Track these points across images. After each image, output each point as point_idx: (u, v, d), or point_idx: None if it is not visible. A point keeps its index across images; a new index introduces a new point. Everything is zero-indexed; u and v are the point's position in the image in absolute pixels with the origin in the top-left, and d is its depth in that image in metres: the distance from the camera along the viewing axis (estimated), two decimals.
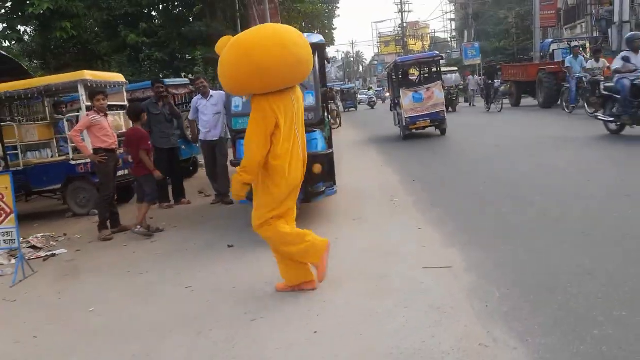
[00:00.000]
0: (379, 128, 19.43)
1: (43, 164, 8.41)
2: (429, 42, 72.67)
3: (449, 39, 69.55)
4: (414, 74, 18.67)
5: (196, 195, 8.93)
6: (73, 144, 8.28)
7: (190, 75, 20.00)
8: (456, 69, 32.64)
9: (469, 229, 5.15)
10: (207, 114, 7.62)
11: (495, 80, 21.50)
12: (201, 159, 12.33)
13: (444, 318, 3.23)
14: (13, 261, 5.70)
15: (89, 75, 8.02)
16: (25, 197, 8.96)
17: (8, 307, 4.39)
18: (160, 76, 17.09)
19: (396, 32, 72.51)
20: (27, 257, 5.53)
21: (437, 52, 17.07)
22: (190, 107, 8.22)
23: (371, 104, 45.83)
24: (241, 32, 3.57)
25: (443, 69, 25.37)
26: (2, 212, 5.04)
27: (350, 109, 40.88)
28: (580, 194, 5.96)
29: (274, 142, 3.61)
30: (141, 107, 6.75)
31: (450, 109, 22.17)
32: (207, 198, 8.46)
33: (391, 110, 15.97)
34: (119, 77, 8.81)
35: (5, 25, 16.65)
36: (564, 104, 16.02)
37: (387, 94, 39.91)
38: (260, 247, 5.24)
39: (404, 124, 13.49)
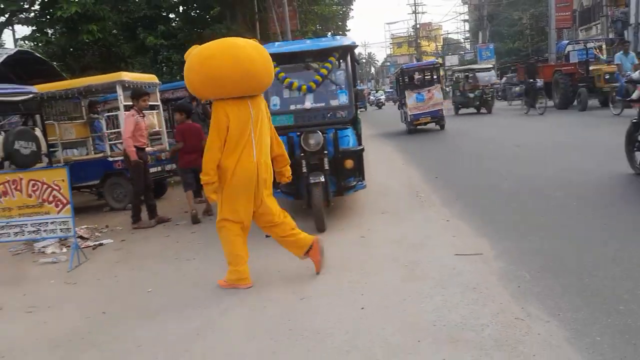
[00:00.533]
0: (387, 125, 21.02)
1: (82, 161, 8.81)
2: (441, 44, 72.80)
3: (462, 40, 69.58)
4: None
5: None
6: (110, 142, 8.70)
7: None
8: (491, 66, 28.71)
9: (495, 220, 5.44)
10: None
11: (537, 80, 18.87)
12: None
13: (480, 297, 3.53)
14: (65, 250, 6.09)
15: (126, 76, 8.42)
16: None
17: (71, 288, 4.76)
18: (178, 78, 17.48)
19: (409, 33, 72.58)
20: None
21: (436, 60, 20.74)
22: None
23: (379, 105, 47.00)
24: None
25: (477, 67, 25.70)
26: (59, 202, 5.42)
27: (360, 109, 41.51)
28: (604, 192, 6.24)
29: (225, 145, 4.00)
30: (190, 106, 7.35)
31: (484, 110, 21.81)
32: None
33: (399, 109, 18.28)
34: (152, 78, 9.21)
35: (34, 28, 17.14)
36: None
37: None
38: None
39: (409, 120, 16.05)
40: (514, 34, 44.08)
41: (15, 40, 20.82)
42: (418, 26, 66.02)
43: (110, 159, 8.47)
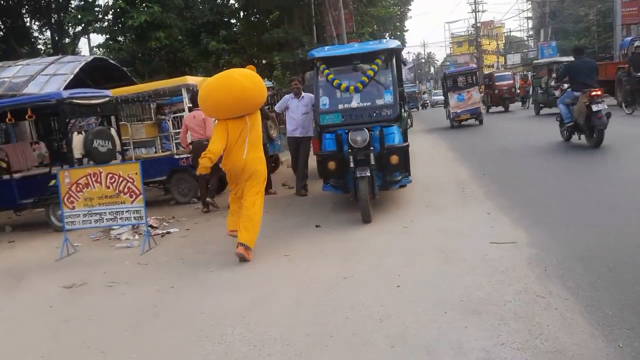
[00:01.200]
0: (434, 122, 23.86)
1: (151, 158, 9.60)
2: (503, 42, 71.18)
3: (526, 38, 67.78)
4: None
5: (280, 187, 9.81)
6: (176, 141, 9.43)
7: (266, 80, 21.19)
8: None
9: (535, 213, 5.66)
10: (297, 113, 8.43)
11: None
12: (282, 156, 13.35)
13: (507, 278, 3.85)
14: (137, 236, 6.79)
15: (190, 80, 9.12)
16: None
17: (144, 268, 5.40)
18: None
19: (469, 32, 71.39)
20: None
21: (474, 66, 24.14)
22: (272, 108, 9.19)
23: (424, 106, 46.41)
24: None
25: (565, 59, 25.25)
26: (132, 193, 6.09)
27: (412, 109, 41.77)
28: None
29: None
30: None
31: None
32: (291, 189, 9.30)
33: (444, 108, 21.15)
34: None
35: (107, 36, 18.47)
36: None
37: None
38: (344, 226, 6.06)
39: (452, 117, 19.03)
40: (579, 31, 42.71)
41: (91, 48, 22.37)
42: (479, 24, 64.90)
43: (176, 156, 9.20)
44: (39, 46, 21.04)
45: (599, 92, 8.93)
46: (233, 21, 23.77)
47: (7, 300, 4.88)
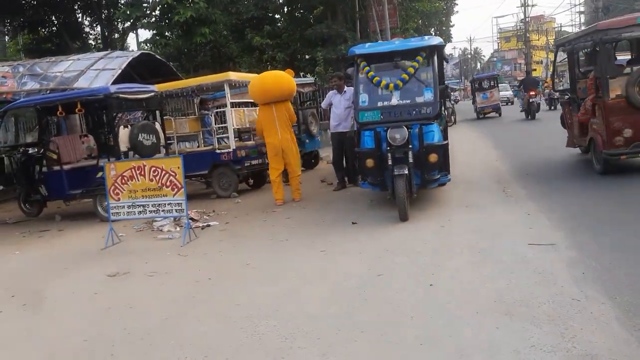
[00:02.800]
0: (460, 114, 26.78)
1: (194, 152, 9.83)
2: (553, 37, 69.07)
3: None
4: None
5: (319, 183, 9.87)
6: (218, 136, 9.62)
7: (308, 75, 21.27)
8: None
9: (578, 215, 5.53)
10: (339, 108, 8.48)
11: None
12: (323, 152, 13.41)
13: (543, 280, 3.79)
14: (178, 229, 6.98)
15: (233, 76, 9.29)
16: None
17: (183, 260, 5.56)
18: None
19: (518, 27, 69.53)
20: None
21: (496, 73, 32.83)
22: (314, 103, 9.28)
23: (456, 100, 45.71)
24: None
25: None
26: (174, 186, 6.27)
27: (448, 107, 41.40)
28: None
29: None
30: None
31: None
32: (329, 186, 9.35)
33: (472, 104, 25.99)
34: None
35: (154, 32, 18.93)
36: None
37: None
38: (380, 223, 6.07)
39: (478, 110, 24.68)
40: None
41: (138, 44, 23.00)
42: (528, 19, 63.15)
43: (218, 151, 9.38)
44: (90, 41, 21.70)
45: None
46: (277, 16, 23.95)
47: (55, 286, 5.12)
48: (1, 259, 6.55)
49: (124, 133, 8.12)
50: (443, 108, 6.76)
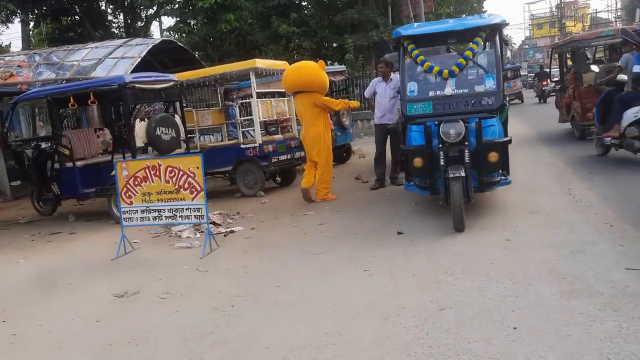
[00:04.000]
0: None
1: (217, 147, 9.06)
2: (588, 24, 66.43)
3: (613, 20, 62.89)
4: None
5: (353, 181, 9.01)
6: (243, 129, 8.83)
7: (336, 63, 20.36)
8: None
9: None
10: (384, 97, 7.62)
11: None
12: (354, 145, 12.54)
13: None
14: (198, 235, 6.22)
15: (259, 63, 8.46)
16: None
17: (203, 276, 4.77)
18: None
19: (551, 13, 67.12)
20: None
21: (518, 64, 32.95)
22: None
23: None
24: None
25: None
26: (193, 189, 5.48)
27: None
28: None
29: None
30: None
31: None
32: (365, 184, 8.48)
33: None
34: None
35: (178, 19, 18.23)
36: None
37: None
38: (431, 234, 5.19)
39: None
40: None
41: (162, 32, 22.35)
42: (562, 4, 60.79)
43: (243, 146, 8.58)
44: (113, 30, 21.17)
45: None
46: (304, 3, 23.06)
47: (55, 309, 4.39)
48: (2, 270, 5.87)
49: (140, 127, 7.36)
50: (507, 99, 5.79)
